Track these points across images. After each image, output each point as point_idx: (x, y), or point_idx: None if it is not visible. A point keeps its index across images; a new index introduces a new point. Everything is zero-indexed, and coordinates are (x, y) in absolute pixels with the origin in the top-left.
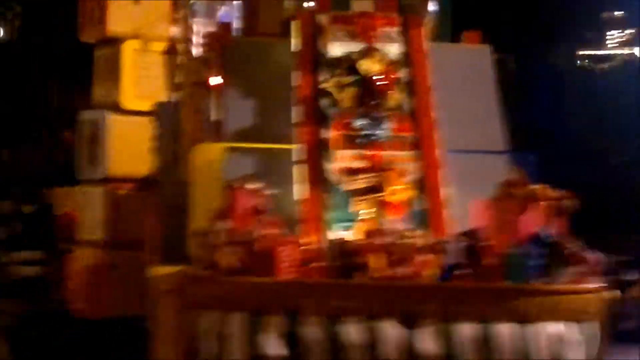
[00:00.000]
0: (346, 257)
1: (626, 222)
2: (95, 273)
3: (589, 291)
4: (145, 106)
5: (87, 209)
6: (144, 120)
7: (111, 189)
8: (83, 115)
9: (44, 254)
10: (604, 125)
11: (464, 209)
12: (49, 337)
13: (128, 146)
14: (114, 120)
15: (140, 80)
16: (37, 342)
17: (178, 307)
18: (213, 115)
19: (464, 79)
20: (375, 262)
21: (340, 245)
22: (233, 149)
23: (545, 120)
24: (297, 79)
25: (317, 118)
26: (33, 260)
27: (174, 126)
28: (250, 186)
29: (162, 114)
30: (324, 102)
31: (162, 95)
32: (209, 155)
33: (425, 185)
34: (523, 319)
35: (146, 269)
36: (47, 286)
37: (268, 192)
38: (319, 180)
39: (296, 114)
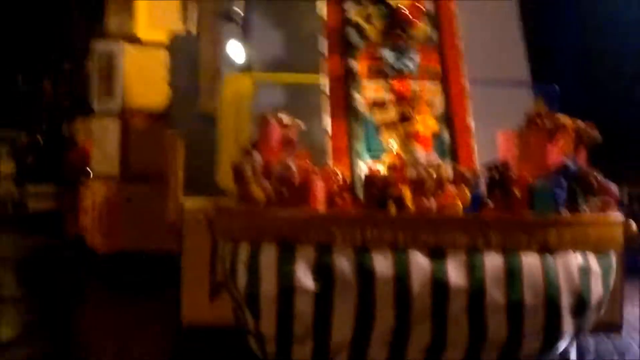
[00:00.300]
0: (379, 188)
1: None
2: (109, 206)
3: (612, 222)
4: (161, 37)
5: (101, 142)
6: (159, 51)
7: (126, 120)
8: (97, 45)
9: (57, 186)
10: (627, 58)
11: (488, 141)
12: (63, 270)
13: (144, 77)
14: (128, 51)
15: (155, 11)
16: (50, 274)
17: (210, 238)
18: (236, 47)
19: (488, 11)
20: (407, 194)
21: (373, 177)
22: (261, 81)
23: (568, 52)
24: (323, 9)
25: (345, 49)
26: (47, 193)
27: (191, 58)
28: (282, 118)
29: (178, 45)
30: (351, 33)
31: (177, 26)
32: (237, 88)
33: (451, 116)
34: (549, 249)
35: (166, 201)
36: (61, 219)
37: (299, 123)
38: (347, 111)
39: (323, 45)
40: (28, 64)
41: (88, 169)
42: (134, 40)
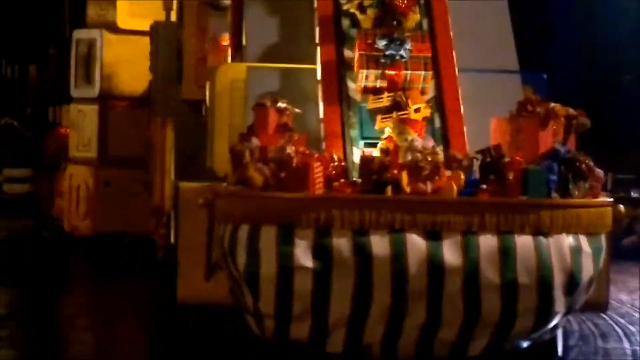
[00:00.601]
0: (376, 173)
1: (631, 141)
2: (88, 190)
3: (602, 205)
4: (142, 25)
5: (80, 127)
6: (140, 39)
7: (105, 107)
8: (78, 34)
9: (34, 171)
10: (611, 44)
11: (478, 127)
12: (44, 251)
13: (123, 65)
14: (109, 39)
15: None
16: (28, 258)
17: (207, 220)
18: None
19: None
20: (404, 178)
21: (370, 161)
22: (255, 68)
23: (555, 39)
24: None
25: (339, 38)
26: (23, 178)
27: (174, 45)
28: (279, 104)
29: (159, 32)
30: (345, 22)
31: (159, 15)
32: (231, 75)
33: (443, 103)
34: (542, 231)
35: (152, 185)
36: (38, 203)
37: (295, 109)
38: (342, 99)
39: (318, 34)
40: (13, 49)
41: (66, 153)
42: (114, 28)
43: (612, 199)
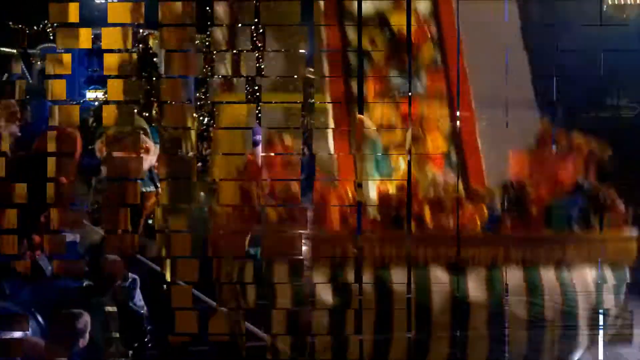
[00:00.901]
0: (394, 207)
1: None
2: None
3: (626, 237)
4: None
5: None
6: None
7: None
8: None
9: None
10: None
11: (496, 160)
12: None
13: None
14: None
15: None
16: None
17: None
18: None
19: (492, 31)
20: (426, 212)
21: (388, 196)
22: (262, 103)
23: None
24: (325, 32)
25: (348, 71)
26: None
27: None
28: (284, 139)
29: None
30: (355, 56)
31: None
32: (232, 109)
33: (459, 136)
34: (566, 264)
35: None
36: None
37: (301, 145)
38: (354, 133)
39: (327, 68)
40: None
41: None
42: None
43: (633, 233)
